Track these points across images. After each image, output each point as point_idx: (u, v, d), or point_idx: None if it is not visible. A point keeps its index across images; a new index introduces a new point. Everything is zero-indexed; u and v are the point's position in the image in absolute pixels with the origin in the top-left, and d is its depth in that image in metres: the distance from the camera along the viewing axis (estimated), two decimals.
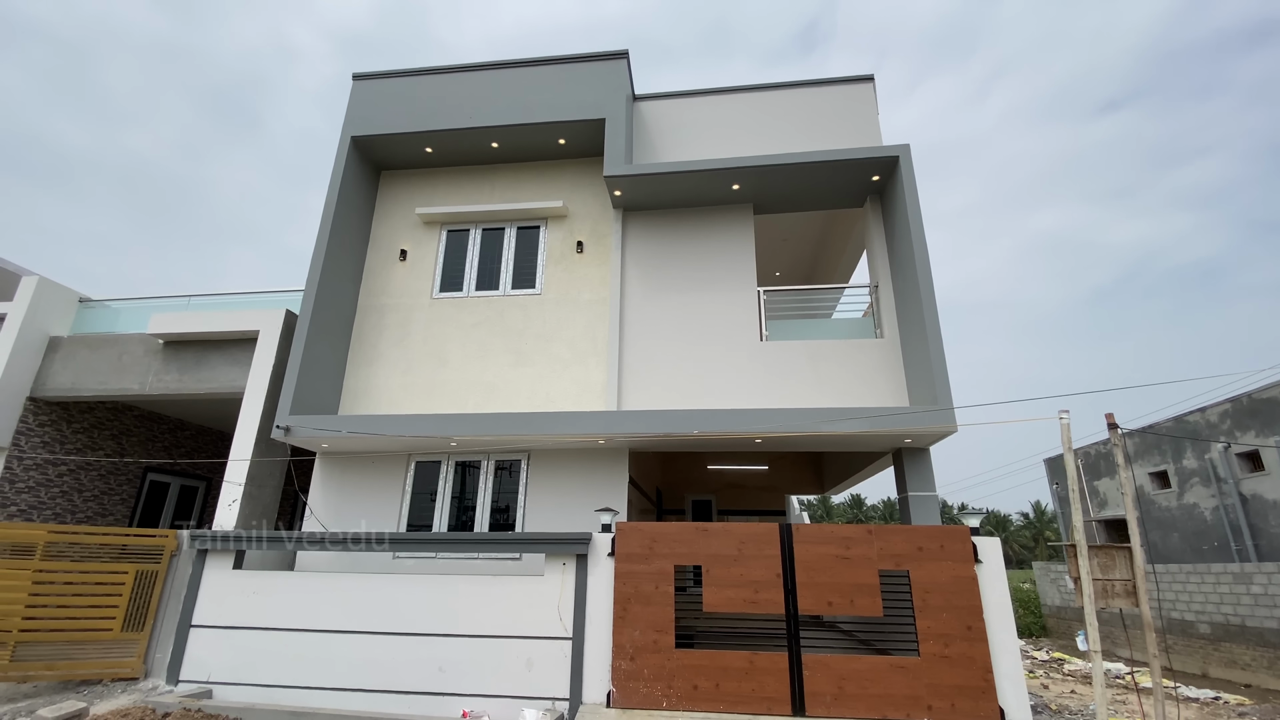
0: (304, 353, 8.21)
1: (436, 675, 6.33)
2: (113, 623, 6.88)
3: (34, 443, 9.56)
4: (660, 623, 6.22)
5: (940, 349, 7.09)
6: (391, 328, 9.32)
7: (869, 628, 6.94)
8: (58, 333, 10.01)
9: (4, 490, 9.11)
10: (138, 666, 6.87)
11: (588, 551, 6.54)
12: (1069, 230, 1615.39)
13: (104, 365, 9.57)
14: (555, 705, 6.09)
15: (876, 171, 8.42)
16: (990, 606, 5.87)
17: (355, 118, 9.70)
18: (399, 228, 9.96)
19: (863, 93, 9.61)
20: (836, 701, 5.77)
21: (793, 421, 7.05)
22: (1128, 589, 4.97)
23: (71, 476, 10.20)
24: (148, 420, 11.74)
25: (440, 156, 9.96)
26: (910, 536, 6.20)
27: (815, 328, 8.59)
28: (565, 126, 9.21)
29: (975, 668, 5.71)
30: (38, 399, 9.67)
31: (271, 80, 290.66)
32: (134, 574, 7.08)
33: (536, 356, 8.80)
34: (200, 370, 9.31)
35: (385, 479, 8.50)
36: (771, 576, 6.24)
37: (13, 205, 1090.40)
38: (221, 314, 9.33)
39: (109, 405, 10.92)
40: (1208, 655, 14.63)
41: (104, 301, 10.55)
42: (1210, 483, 16.33)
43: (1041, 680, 14.31)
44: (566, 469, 8.24)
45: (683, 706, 5.92)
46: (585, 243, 9.36)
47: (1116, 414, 5.77)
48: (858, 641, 7.37)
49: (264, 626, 6.77)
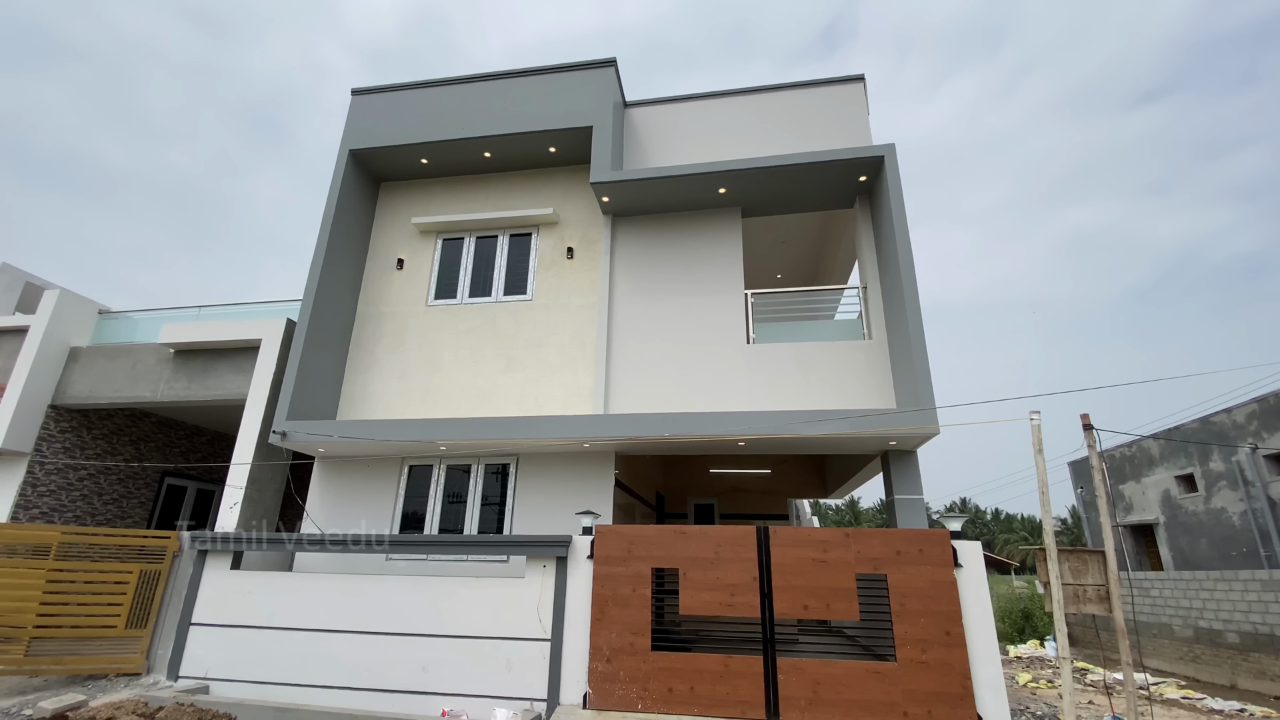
0: (301, 360, 8.47)
1: (420, 675, 6.46)
2: (117, 620, 7.18)
3: (55, 449, 10.03)
4: (637, 625, 6.25)
5: (923, 350, 7.00)
6: (388, 335, 9.55)
7: (868, 632, 6.87)
8: (78, 343, 10.49)
9: (27, 494, 9.57)
10: (140, 662, 7.15)
11: (567, 554, 6.62)
12: (1105, 227, 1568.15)
13: (119, 374, 10.00)
14: (533, 705, 6.17)
15: (863, 172, 8.36)
16: (970, 612, 5.77)
17: (354, 131, 9.99)
18: (397, 238, 10.21)
19: (852, 93, 9.55)
20: (811, 707, 5.73)
21: (771, 424, 7.03)
22: (1100, 594, 4.84)
23: (92, 481, 10.67)
24: (165, 426, 12.20)
25: (436, 167, 10.19)
26: (888, 540, 6.13)
27: (803, 330, 8.55)
28: (554, 135, 9.35)
29: (953, 674, 5.61)
30: (59, 407, 10.15)
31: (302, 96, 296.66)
32: (138, 574, 7.38)
33: (527, 361, 8.93)
34: (208, 378, 9.66)
35: (380, 482, 8.71)
36: (748, 580, 6.23)
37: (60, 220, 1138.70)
38: (226, 324, 9.68)
39: (127, 412, 11.39)
40: (1236, 666, 14.03)
41: (122, 313, 11.03)
42: (1238, 486, 15.69)
43: (1059, 690, 13.90)
44: (554, 473, 8.33)
45: (657, 709, 5.94)
46: (575, 249, 9.48)
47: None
48: (860, 647, 7.30)
49: (258, 625, 7.00)
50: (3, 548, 8.29)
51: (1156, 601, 16.24)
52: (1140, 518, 19.69)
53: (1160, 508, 18.73)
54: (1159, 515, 18.86)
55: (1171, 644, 15.79)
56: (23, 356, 9.77)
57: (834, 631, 8.84)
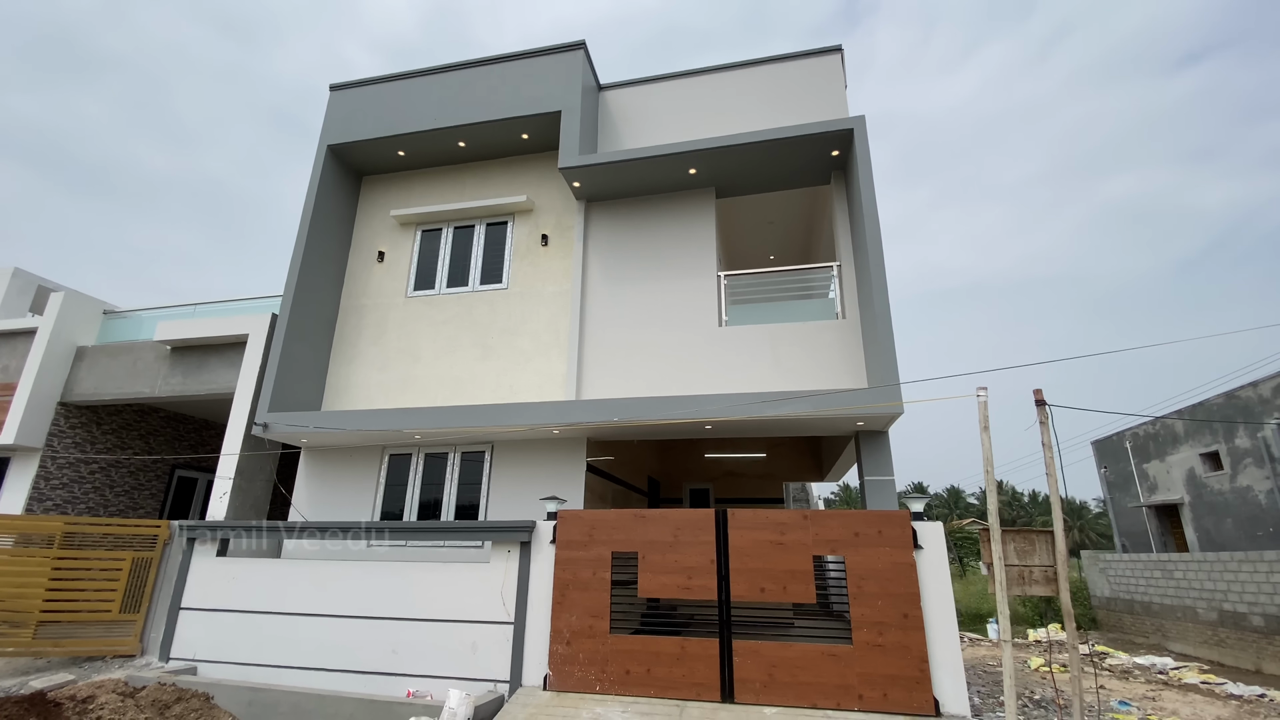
0: (282, 354, 8.67)
1: (390, 657, 6.64)
2: (112, 605, 7.54)
3: (65, 443, 10.52)
4: (596, 608, 6.29)
5: (888, 327, 6.82)
6: (370, 327, 9.71)
7: (826, 614, 6.79)
8: (84, 342, 10.93)
9: (39, 487, 10.07)
10: (135, 645, 7.50)
11: (531, 539, 6.68)
12: (1148, 196, 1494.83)
13: (121, 371, 10.40)
14: (496, 687, 6.28)
15: (835, 146, 8.12)
16: (929, 594, 5.65)
17: (332, 127, 10.10)
18: (378, 230, 10.33)
19: (829, 65, 9.26)
20: (765, 689, 5.70)
21: (733, 406, 6.95)
22: (1048, 576, 4.66)
23: (103, 474, 11.16)
24: (174, 421, 12.67)
25: (413, 159, 10.26)
26: (846, 521, 6.03)
27: (776, 311, 8.39)
28: (525, 121, 9.31)
29: (910, 657, 5.51)
30: (67, 403, 10.61)
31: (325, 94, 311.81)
32: (130, 560, 7.71)
33: (502, 350, 8.99)
34: (201, 373, 9.98)
35: (361, 471, 8.90)
36: (705, 563, 6.20)
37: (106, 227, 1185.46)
38: (217, 320, 9.97)
39: (135, 408, 11.86)
40: (1261, 649, 13.48)
41: (125, 312, 11.44)
42: (1264, 463, 14.95)
43: (1070, 674, 13.56)
44: (528, 459, 8.40)
45: (615, 691, 5.99)
46: (550, 236, 9.46)
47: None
48: (829, 629, 7.18)
49: (240, 610, 7.27)
50: (19, 538, 8.80)
51: (1180, 584, 15.67)
52: (1165, 497, 18.95)
53: (1185, 487, 17.99)
54: (1184, 495, 18.12)
55: (1196, 627, 15.25)
56: (32, 356, 10.24)
57: (813, 614, 8.75)
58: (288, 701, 6.16)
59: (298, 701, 6.13)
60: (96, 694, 5.77)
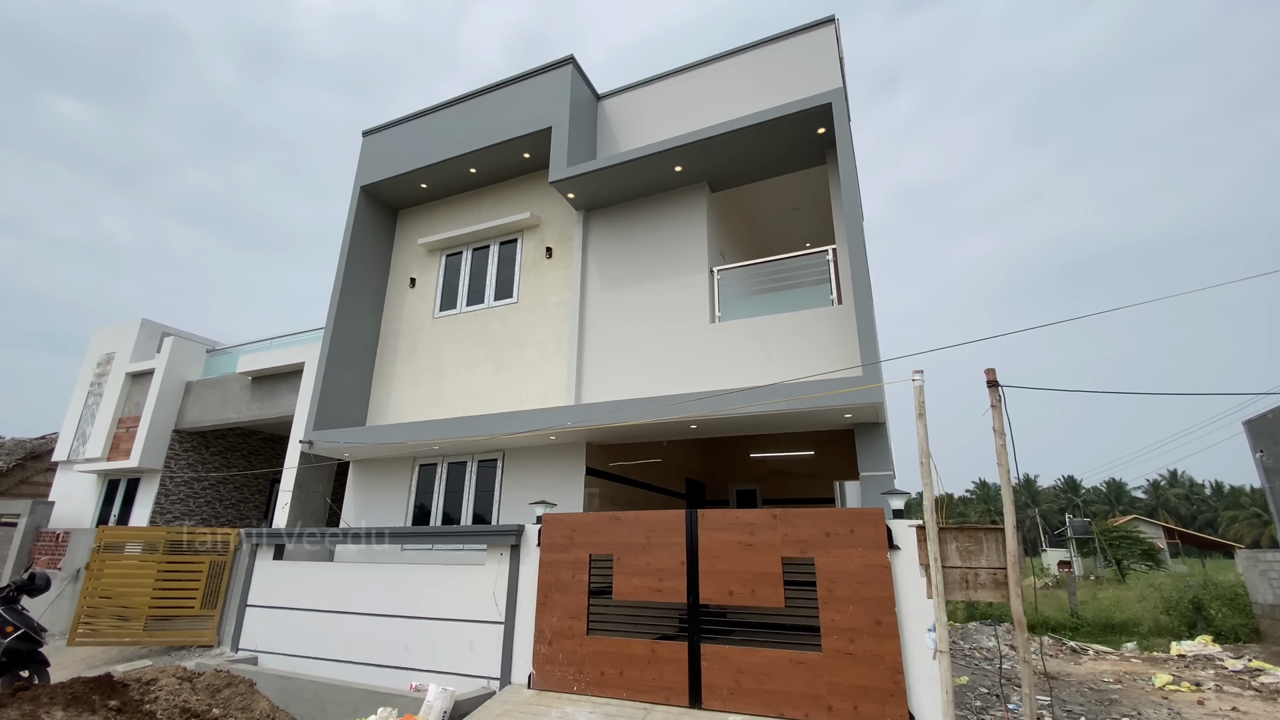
0: (325, 377, 9.67)
1: (403, 652, 7.18)
2: (193, 602, 8.80)
3: (180, 465, 12.40)
4: (575, 610, 6.40)
5: (869, 310, 6.34)
6: (403, 348, 10.54)
7: (795, 620, 6.39)
8: (192, 377, 12.85)
9: (161, 502, 11.97)
10: (212, 637, 8.70)
11: (520, 542, 6.94)
12: None
13: (216, 400, 12.10)
14: (489, 684, 6.58)
15: (819, 124, 7.67)
16: (905, 599, 5.16)
17: (365, 168, 11.12)
18: (410, 259, 11.20)
19: (823, 38, 8.75)
20: (733, 695, 5.50)
21: (714, 403, 6.77)
22: (996, 579, 4.06)
23: (213, 490, 13.02)
24: (270, 442, 14.48)
25: (435, 189, 11.02)
26: (817, 520, 5.67)
27: (768, 303, 8.05)
28: (522, 141, 9.69)
29: (883, 667, 5.07)
30: (180, 431, 12.52)
31: None
32: (208, 563, 8.97)
33: (512, 361, 9.39)
34: (274, 399, 11.36)
35: (396, 481, 9.68)
36: (675, 565, 6.10)
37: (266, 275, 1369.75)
38: (281, 351, 11.32)
39: (239, 431, 13.71)
40: None
41: (222, 350, 13.29)
42: None
43: (1201, 695, 11.51)
44: (536, 465, 8.70)
45: (590, 691, 6.06)
46: (554, 248, 9.75)
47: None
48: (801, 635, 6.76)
49: (289, 607, 8.18)
50: (145, 545, 10.50)
51: None
52: None
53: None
54: None
55: None
56: (150, 392, 12.21)
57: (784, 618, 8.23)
58: (310, 690, 6.87)
59: (317, 690, 6.82)
60: (159, 677, 6.77)
